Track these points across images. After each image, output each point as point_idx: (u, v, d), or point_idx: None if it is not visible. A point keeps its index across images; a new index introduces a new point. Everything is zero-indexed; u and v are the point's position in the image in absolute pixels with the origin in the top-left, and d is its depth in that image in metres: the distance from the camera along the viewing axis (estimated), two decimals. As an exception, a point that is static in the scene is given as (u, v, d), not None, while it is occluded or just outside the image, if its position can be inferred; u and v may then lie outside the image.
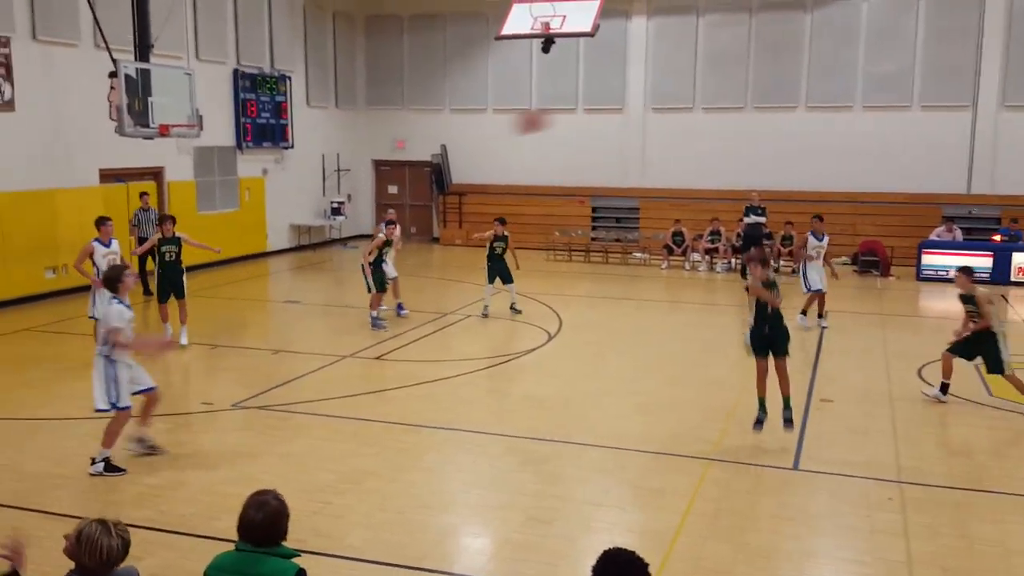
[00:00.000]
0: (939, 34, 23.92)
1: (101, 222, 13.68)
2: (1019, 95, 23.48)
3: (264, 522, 4.18)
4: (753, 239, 22.05)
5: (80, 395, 11.77)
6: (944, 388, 11.64)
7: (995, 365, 11.35)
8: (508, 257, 16.94)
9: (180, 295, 14.55)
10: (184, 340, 14.24)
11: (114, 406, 8.94)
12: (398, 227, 17.57)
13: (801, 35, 25.00)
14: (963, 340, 11.67)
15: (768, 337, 10.10)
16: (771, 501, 8.43)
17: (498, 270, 16.87)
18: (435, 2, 27.12)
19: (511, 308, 17.00)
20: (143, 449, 9.46)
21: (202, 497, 8.39)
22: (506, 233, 17.01)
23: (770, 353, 10.07)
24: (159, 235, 14.67)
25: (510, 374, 13.14)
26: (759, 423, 10.10)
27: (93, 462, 8.97)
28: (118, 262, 11.27)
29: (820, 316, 16.52)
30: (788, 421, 10.05)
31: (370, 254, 16.04)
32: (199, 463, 9.31)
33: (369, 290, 16.00)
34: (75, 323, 16.32)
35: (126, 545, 4.35)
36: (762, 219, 22.01)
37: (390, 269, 16.63)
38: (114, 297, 8.88)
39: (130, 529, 4.48)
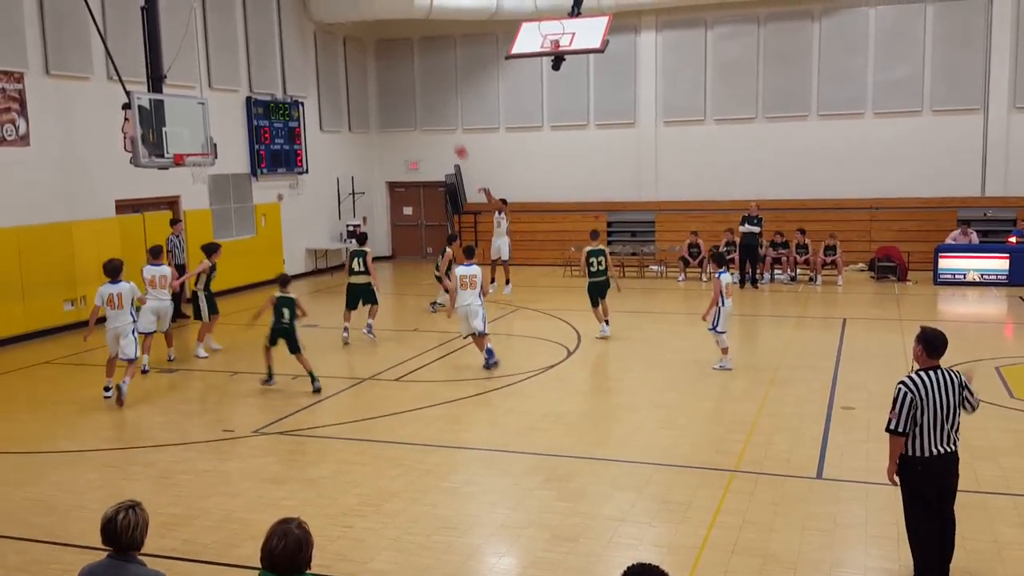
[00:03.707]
0: (947, 38, 23.88)
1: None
2: (1030, 96, 23.45)
3: (287, 552, 4.16)
4: (749, 248, 22.20)
5: (101, 427, 11.85)
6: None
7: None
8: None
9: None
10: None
11: None
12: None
13: (810, 44, 25.00)
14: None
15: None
16: (796, 511, 8.38)
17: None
18: (444, 24, 27.21)
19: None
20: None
21: (225, 525, 8.40)
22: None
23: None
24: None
25: (531, 391, 13.12)
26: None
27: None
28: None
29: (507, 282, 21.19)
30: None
31: (197, 279, 15.86)
32: (221, 490, 9.32)
33: (198, 317, 16.00)
34: (95, 355, 16.40)
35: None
36: (756, 229, 22.13)
37: None
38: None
39: (154, 560, 4.53)
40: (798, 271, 23.26)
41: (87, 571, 4.67)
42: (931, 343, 6.68)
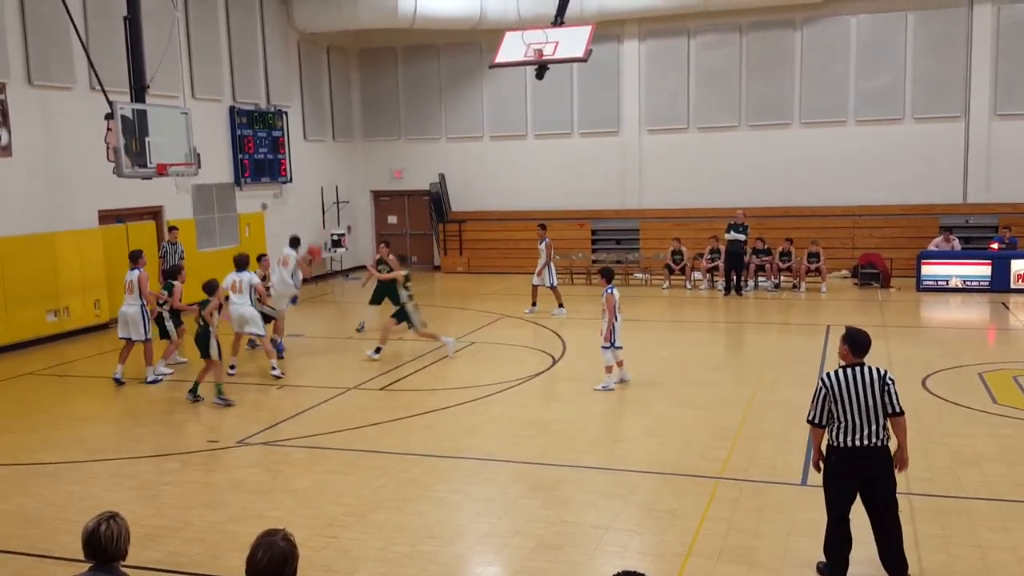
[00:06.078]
0: (928, 47, 24.08)
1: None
2: (1010, 104, 23.64)
3: (272, 564, 4.09)
4: (734, 255, 22.28)
5: (83, 438, 11.78)
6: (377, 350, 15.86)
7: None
8: None
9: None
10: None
11: None
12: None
13: (792, 52, 25.16)
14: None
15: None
16: (781, 518, 8.40)
17: None
18: (428, 33, 27.26)
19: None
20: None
21: (210, 536, 8.35)
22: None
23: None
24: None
25: (516, 400, 13.11)
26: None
27: None
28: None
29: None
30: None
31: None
32: (206, 501, 9.28)
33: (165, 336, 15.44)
34: (77, 366, 16.33)
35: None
36: (741, 236, 22.19)
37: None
38: None
39: (138, 572, 4.50)
40: (781, 278, 23.32)
41: None
42: (856, 343, 7.20)
